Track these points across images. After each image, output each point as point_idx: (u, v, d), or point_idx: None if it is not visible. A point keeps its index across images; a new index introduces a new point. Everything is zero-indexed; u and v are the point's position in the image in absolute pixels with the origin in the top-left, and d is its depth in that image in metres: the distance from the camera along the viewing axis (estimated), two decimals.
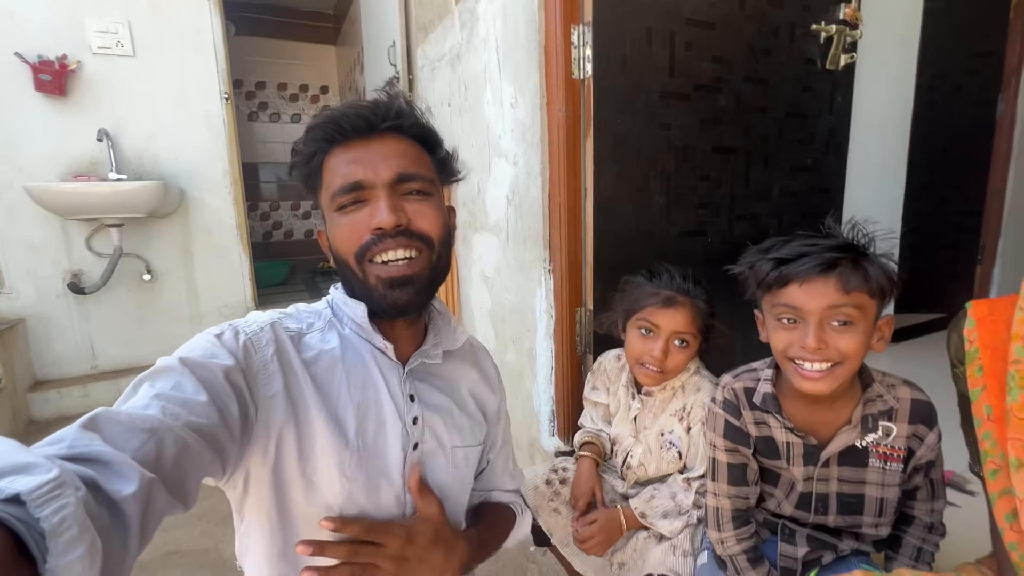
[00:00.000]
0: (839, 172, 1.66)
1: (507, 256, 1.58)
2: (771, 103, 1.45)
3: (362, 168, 0.58)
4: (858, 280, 0.66)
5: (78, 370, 2.37)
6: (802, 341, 0.68)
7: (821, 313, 0.67)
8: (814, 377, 0.69)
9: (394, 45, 2.29)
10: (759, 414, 0.79)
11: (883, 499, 0.76)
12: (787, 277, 0.69)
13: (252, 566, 0.60)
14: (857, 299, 0.67)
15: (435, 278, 0.62)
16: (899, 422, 0.74)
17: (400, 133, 0.61)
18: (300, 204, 4.43)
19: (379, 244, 0.57)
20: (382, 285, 0.58)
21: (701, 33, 1.30)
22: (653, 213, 1.33)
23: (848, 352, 0.67)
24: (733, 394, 0.81)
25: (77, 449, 0.34)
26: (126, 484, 0.34)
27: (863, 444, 0.75)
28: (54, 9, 2.15)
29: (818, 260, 0.67)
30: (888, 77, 2.02)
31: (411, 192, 0.60)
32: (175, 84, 2.38)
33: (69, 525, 0.27)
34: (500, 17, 1.46)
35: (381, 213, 0.56)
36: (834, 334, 0.67)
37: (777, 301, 0.71)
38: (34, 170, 2.19)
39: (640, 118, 1.26)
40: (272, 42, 4.17)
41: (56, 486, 0.28)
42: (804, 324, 0.69)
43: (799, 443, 0.77)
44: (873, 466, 0.75)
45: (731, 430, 0.81)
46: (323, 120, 0.59)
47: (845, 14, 1.47)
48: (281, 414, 0.55)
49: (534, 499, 1.01)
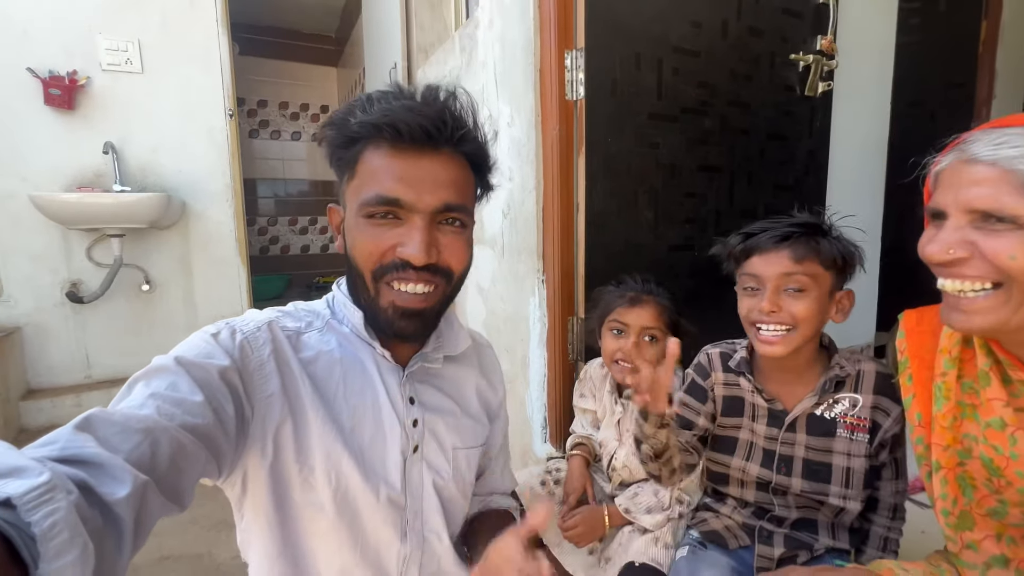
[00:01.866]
0: (819, 191, 1.74)
1: (502, 267, 1.63)
2: (753, 126, 1.53)
3: (406, 187, 0.53)
4: (808, 250, 0.74)
5: (72, 379, 2.37)
6: (759, 305, 0.75)
7: (776, 280, 0.75)
8: (771, 340, 0.76)
9: (395, 67, 2.38)
10: (731, 376, 0.87)
11: (850, 468, 0.79)
12: (750, 249, 0.78)
13: (254, 561, 0.61)
14: (809, 268, 0.74)
15: (443, 308, 0.62)
16: (864, 392, 0.79)
17: (456, 152, 0.57)
18: (297, 220, 4.48)
19: (401, 273, 0.55)
20: (392, 311, 0.56)
21: (687, 60, 1.39)
22: (642, 227, 1.39)
23: (800, 316, 0.74)
24: (707, 358, 0.90)
25: (70, 451, 0.34)
26: (119, 487, 0.34)
27: (831, 415, 0.80)
28: (67, 27, 2.23)
29: (774, 233, 0.76)
30: (864, 104, 2.13)
31: (449, 220, 0.57)
32: (181, 100, 2.44)
33: (60, 529, 0.27)
34: (498, 42, 1.54)
35: (414, 247, 0.53)
36: (788, 299, 0.75)
37: (742, 271, 0.80)
38: (39, 181, 2.23)
39: (630, 137, 1.34)
40: (275, 63, 4.29)
41: (47, 490, 0.27)
42: (763, 291, 0.76)
43: (764, 406, 0.83)
44: (840, 436, 0.79)
45: (692, 387, 0.90)
46: (379, 117, 0.53)
47: (822, 45, 1.57)
48: (278, 413, 0.55)
49: (527, 500, 1.04)
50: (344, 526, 0.59)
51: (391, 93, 0.56)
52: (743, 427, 0.85)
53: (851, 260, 0.77)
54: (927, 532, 1.06)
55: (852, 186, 2.13)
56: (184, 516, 0.45)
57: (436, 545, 0.67)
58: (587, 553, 0.99)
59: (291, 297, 4.08)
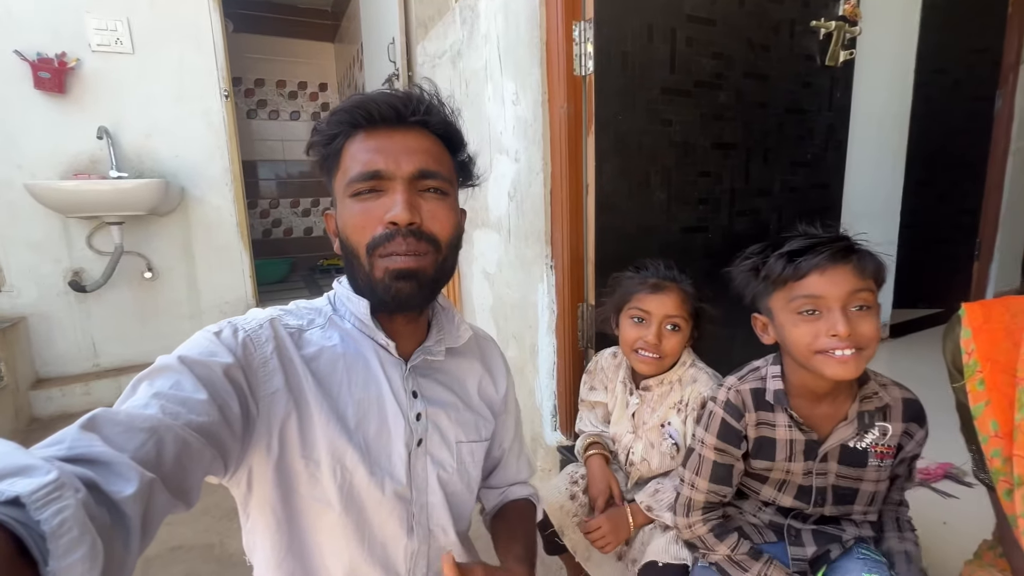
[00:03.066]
0: (838, 168, 1.67)
1: (508, 252, 1.58)
2: (771, 99, 1.46)
3: (383, 158, 0.57)
4: (871, 266, 0.69)
5: (80, 368, 2.37)
6: (831, 329, 0.68)
7: (844, 299, 0.68)
8: (846, 360, 0.68)
9: (394, 42, 2.29)
10: (764, 414, 0.79)
11: (876, 492, 0.78)
12: (805, 268, 0.70)
13: (260, 561, 0.61)
14: (871, 284, 0.69)
15: (440, 278, 0.62)
16: (894, 421, 0.76)
17: (426, 128, 0.60)
18: (299, 201, 4.43)
19: (390, 242, 0.57)
20: (387, 276, 0.58)
21: (702, 29, 1.31)
22: (654, 209, 1.34)
23: (870, 336, 0.68)
24: (739, 396, 0.81)
25: (77, 450, 0.34)
26: (126, 485, 0.34)
27: (863, 446, 0.76)
28: (53, 6, 2.15)
29: (835, 248, 0.69)
30: (886, 73, 2.03)
31: (429, 189, 0.59)
32: (174, 82, 2.38)
33: (69, 527, 0.27)
34: (501, 13, 1.46)
35: (396, 207, 0.56)
36: (856, 319, 0.68)
37: (796, 294, 0.71)
38: (35, 168, 2.19)
39: (641, 114, 1.27)
40: (270, 39, 4.17)
41: (55, 488, 0.28)
42: (828, 312, 0.69)
43: (801, 440, 0.78)
44: (871, 465, 0.77)
45: (726, 430, 0.81)
46: (351, 104, 0.58)
47: (844, 10, 1.48)
48: (282, 409, 0.55)
49: (559, 518, 0.99)
50: (351, 521, 0.59)
51: (358, 94, 0.61)
52: (775, 468, 0.81)
53: (885, 273, 0.72)
54: (949, 524, 1.04)
55: (872, 160, 2.06)
56: (196, 506, 0.45)
57: (443, 539, 0.67)
58: (616, 559, 0.96)
59: (295, 280, 4.08)
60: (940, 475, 1.16)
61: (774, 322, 0.76)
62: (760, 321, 0.79)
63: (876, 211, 2.13)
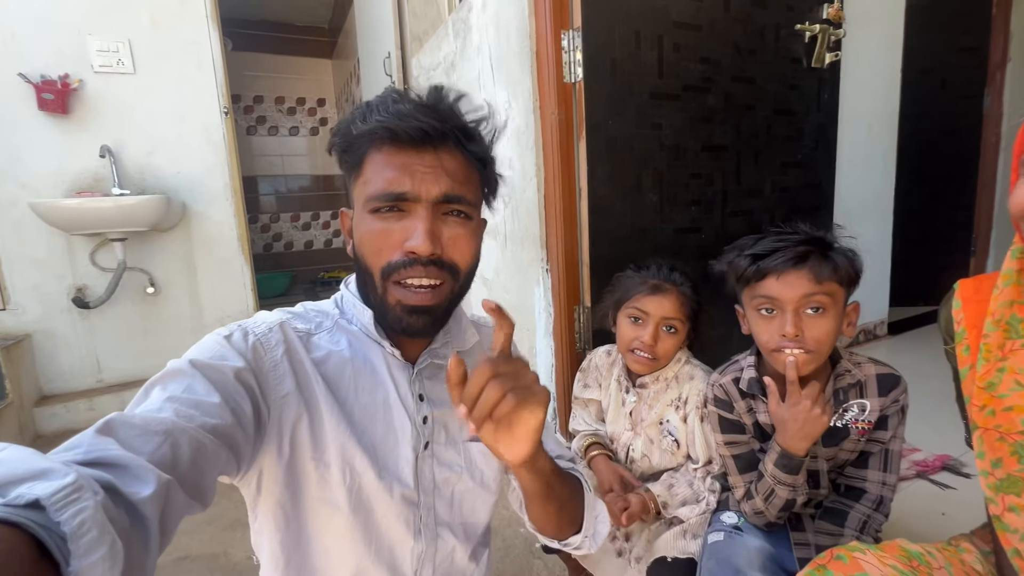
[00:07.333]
0: (828, 167, 1.69)
1: (505, 257, 1.60)
2: (759, 101, 1.48)
3: (409, 179, 0.54)
4: (828, 270, 0.72)
5: (84, 384, 2.38)
6: (781, 330, 0.73)
7: (797, 302, 0.73)
8: (798, 358, 0.74)
9: (389, 56, 2.33)
10: (748, 401, 0.84)
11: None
12: (764, 271, 0.75)
13: (267, 559, 0.61)
14: (828, 287, 0.73)
15: (452, 306, 0.61)
16: (870, 396, 0.79)
17: (457, 148, 0.58)
18: (299, 215, 4.46)
19: (408, 270, 0.56)
20: (400, 309, 0.57)
21: (688, 35, 1.34)
22: (647, 211, 1.36)
23: (819, 338, 0.73)
24: (723, 390, 0.86)
25: (94, 454, 0.35)
26: (143, 486, 0.35)
27: (843, 423, 0.79)
28: (56, 29, 2.20)
29: (791, 254, 0.73)
30: (874, 73, 2.06)
31: (452, 212, 0.57)
32: (175, 100, 2.41)
33: (89, 528, 0.28)
34: (492, 25, 1.50)
35: (417, 237, 0.54)
36: (808, 320, 0.73)
37: (756, 293, 0.77)
38: (38, 187, 2.22)
39: (631, 119, 1.30)
40: (269, 57, 4.23)
41: (74, 490, 0.28)
42: (782, 313, 0.74)
43: None
44: (851, 438, 0.80)
45: (726, 424, 0.86)
46: (375, 125, 0.55)
47: (828, 13, 1.51)
48: (294, 412, 0.56)
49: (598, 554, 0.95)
50: (358, 523, 0.60)
51: (390, 98, 0.57)
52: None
53: (859, 272, 0.75)
54: (948, 514, 1.04)
55: (862, 159, 2.08)
56: (200, 516, 0.46)
57: (449, 541, 0.67)
58: (616, 555, 0.96)
59: (296, 293, 4.10)
60: (938, 467, 1.17)
61: (746, 316, 0.81)
62: (740, 313, 0.84)
63: (868, 209, 2.15)
